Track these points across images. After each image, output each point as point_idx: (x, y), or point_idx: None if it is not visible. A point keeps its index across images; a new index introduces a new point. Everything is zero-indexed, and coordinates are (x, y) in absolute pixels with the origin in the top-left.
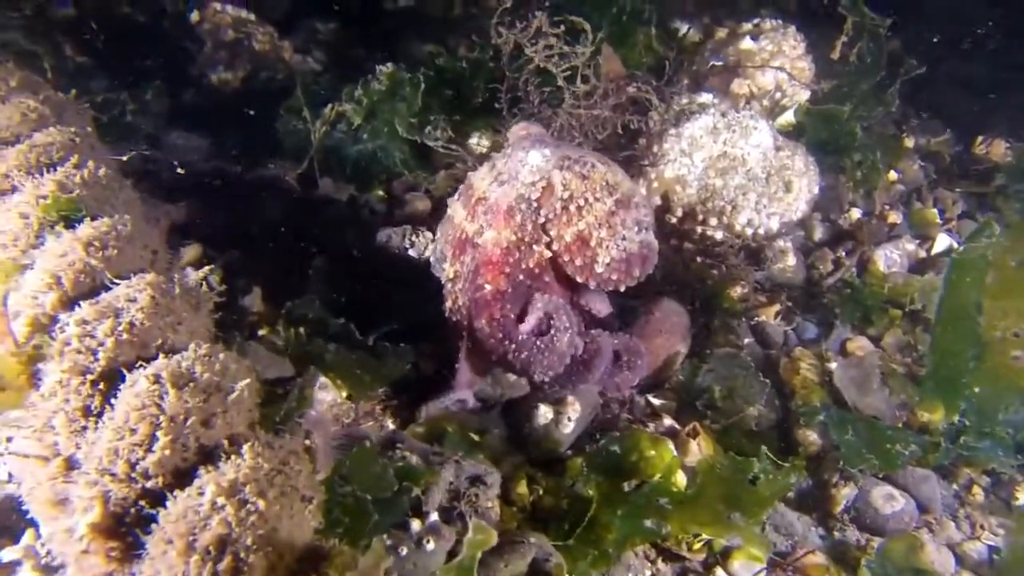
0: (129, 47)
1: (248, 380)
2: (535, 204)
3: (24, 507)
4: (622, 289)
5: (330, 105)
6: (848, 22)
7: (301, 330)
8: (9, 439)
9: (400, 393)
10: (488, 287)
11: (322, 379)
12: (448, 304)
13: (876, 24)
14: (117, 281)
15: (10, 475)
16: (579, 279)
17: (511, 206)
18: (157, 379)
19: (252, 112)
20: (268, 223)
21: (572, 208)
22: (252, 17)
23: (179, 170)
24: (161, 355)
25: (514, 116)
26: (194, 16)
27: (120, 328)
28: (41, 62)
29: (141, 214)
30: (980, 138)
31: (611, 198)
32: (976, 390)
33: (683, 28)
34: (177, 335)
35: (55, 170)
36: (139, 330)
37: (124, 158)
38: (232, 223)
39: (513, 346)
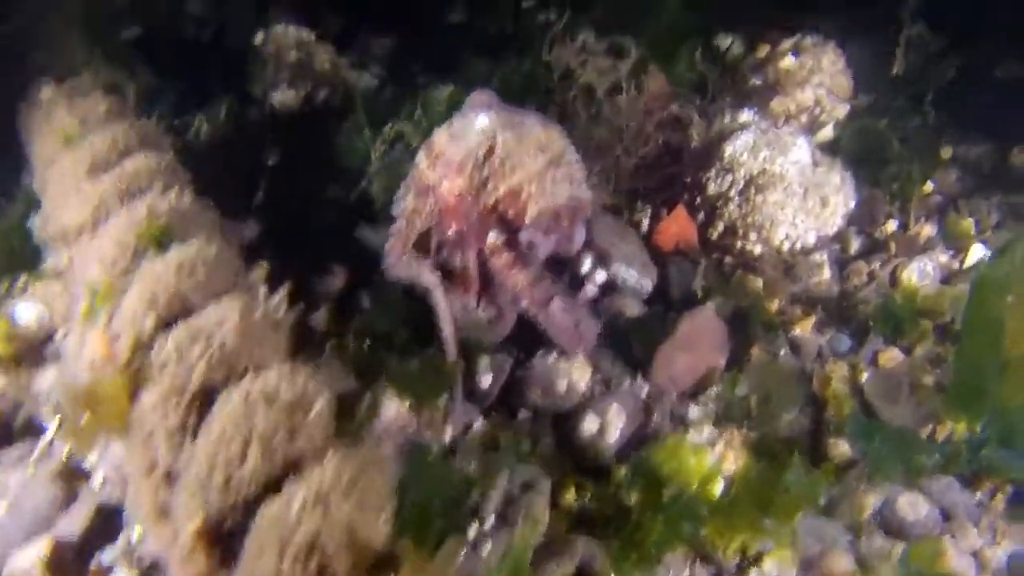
0: (193, 67)
1: (326, 397)
2: (481, 159)
3: (121, 512)
4: (552, 236)
5: (389, 124)
6: (902, 37)
7: (367, 344)
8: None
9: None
10: (452, 230)
11: (387, 390)
12: (401, 223)
13: (923, 38)
14: (206, 304)
15: (105, 480)
16: (515, 224)
17: (462, 161)
18: (247, 397)
19: (313, 130)
20: (330, 240)
21: (508, 165)
22: (312, 37)
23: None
24: (249, 374)
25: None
26: (257, 39)
27: (212, 350)
28: (125, 90)
29: (220, 235)
30: (1019, 147)
31: (543, 156)
32: (998, 403)
33: (726, 42)
34: (261, 353)
35: (144, 196)
36: (228, 351)
37: None
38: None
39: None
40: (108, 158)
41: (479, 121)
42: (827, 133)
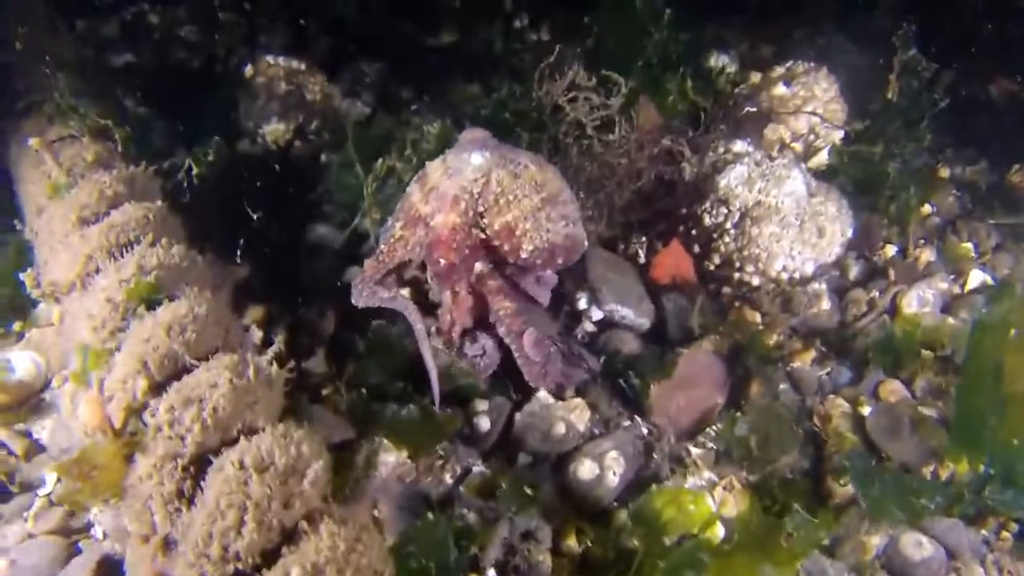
0: (184, 96)
1: (321, 461)
2: (476, 195)
3: (123, 566)
4: (548, 272)
5: (381, 160)
6: (897, 61)
7: (363, 393)
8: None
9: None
10: (443, 261)
11: (384, 441)
12: (383, 248)
13: (918, 64)
14: (197, 363)
15: (105, 534)
16: (509, 260)
17: (456, 195)
18: (242, 465)
19: (305, 164)
20: (323, 280)
21: (503, 201)
22: (303, 67)
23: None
24: (243, 438)
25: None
26: (248, 70)
27: (205, 415)
28: (112, 131)
29: (210, 284)
30: (1016, 166)
31: (538, 195)
32: (1000, 442)
33: (720, 61)
34: (254, 415)
35: (133, 248)
36: (222, 415)
37: None
38: (290, 280)
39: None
40: (96, 209)
41: (474, 158)
42: (822, 159)
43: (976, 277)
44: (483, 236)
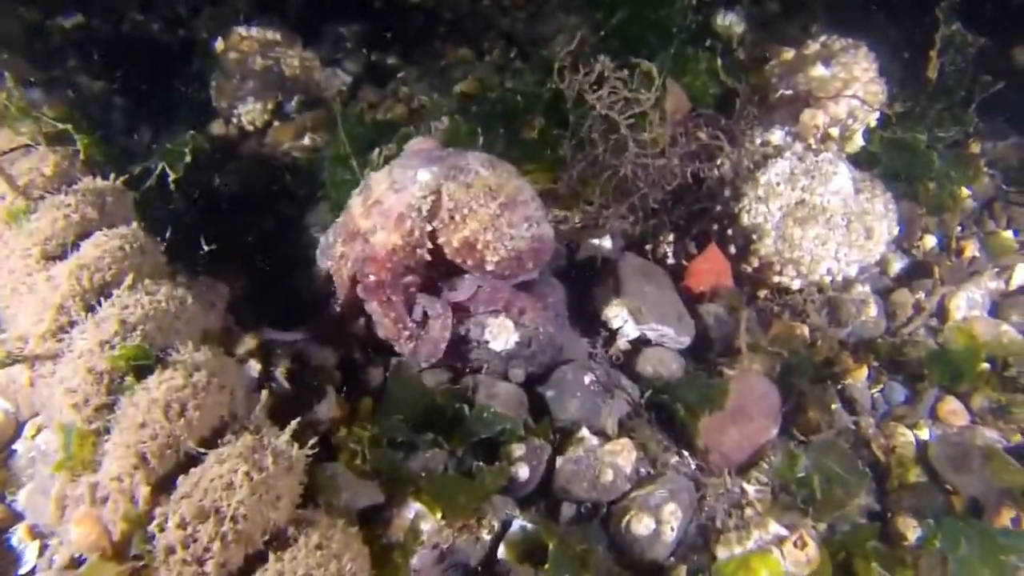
0: (146, 69)
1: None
2: (425, 213)
3: None
4: (519, 279)
5: (377, 150)
6: (937, 37)
7: (389, 450)
8: None
9: None
10: (372, 277)
11: (415, 505)
12: (332, 271)
13: (964, 40)
14: (203, 451)
15: None
16: (476, 275)
17: (402, 214)
18: None
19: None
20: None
21: (457, 217)
22: (279, 37)
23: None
24: (272, 556)
25: (579, 163)
26: (218, 45)
27: (224, 528)
28: (70, 136)
29: (202, 325)
30: None
31: (495, 202)
32: None
33: (727, 19)
34: (278, 512)
35: (110, 292)
36: (243, 526)
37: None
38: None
39: (406, 332)
40: (62, 240)
41: (421, 175)
42: (857, 142)
43: (1022, 271)
44: (428, 258)
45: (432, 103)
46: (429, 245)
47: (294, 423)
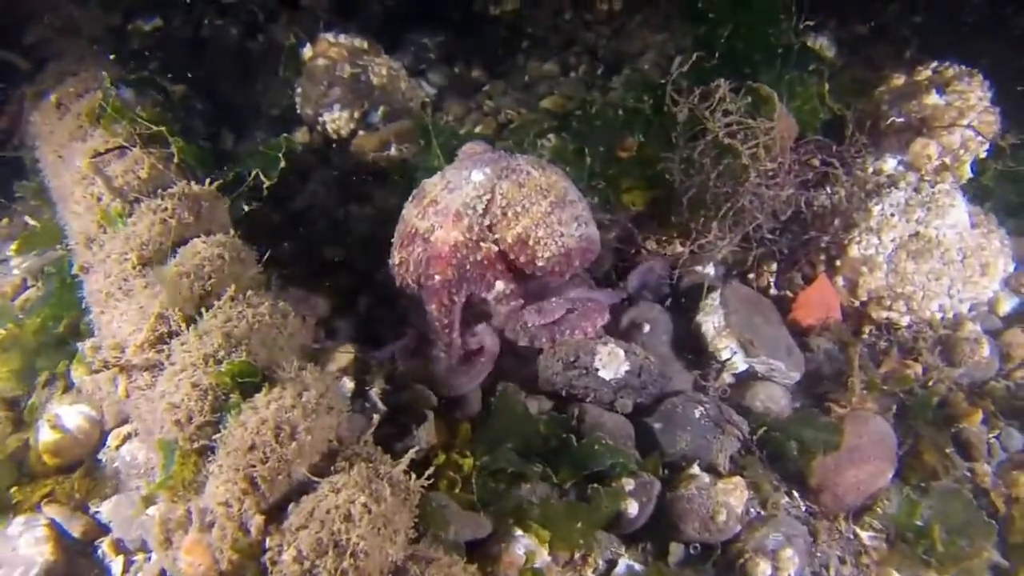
0: (224, 73)
1: None
2: (481, 212)
3: None
4: (567, 277)
5: None
6: None
7: (496, 482)
8: None
9: None
10: (437, 277)
11: (520, 534)
12: (398, 282)
13: None
14: (316, 479)
15: None
16: (527, 271)
17: (459, 211)
18: None
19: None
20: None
21: (511, 213)
22: (366, 45)
23: None
24: None
25: (688, 188)
26: (307, 52)
27: (345, 565)
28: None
29: (302, 341)
30: None
31: (546, 200)
32: None
33: (818, 42)
34: (395, 546)
35: (210, 302)
36: (364, 564)
37: None
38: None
39: (451, 344)
40: (159, 245)
41: (475, 175)
42: (966, 174)
43: None
44: (496, 248)
45: (520, 118)
46: (494, 236)
47: (412, 452)
